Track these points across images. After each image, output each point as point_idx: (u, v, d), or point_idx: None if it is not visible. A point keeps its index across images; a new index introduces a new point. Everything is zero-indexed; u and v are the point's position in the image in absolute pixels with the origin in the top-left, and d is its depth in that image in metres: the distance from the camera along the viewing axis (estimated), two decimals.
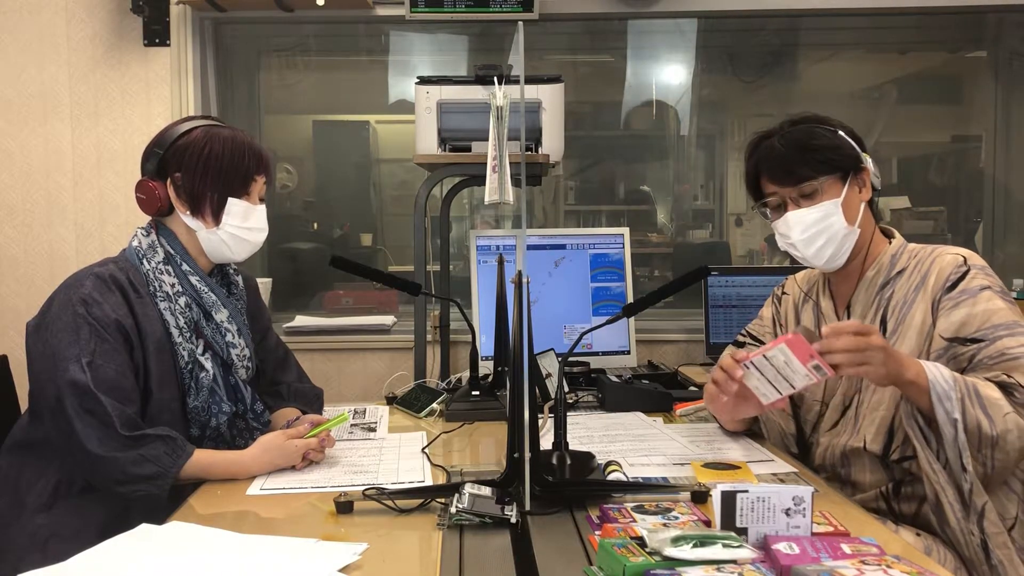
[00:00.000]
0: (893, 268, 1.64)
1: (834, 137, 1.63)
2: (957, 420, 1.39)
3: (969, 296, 1.52)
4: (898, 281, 1.63)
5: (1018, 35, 3.19)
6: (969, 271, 1.55)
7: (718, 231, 3.65)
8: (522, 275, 1.28)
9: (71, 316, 1.49)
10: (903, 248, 1.67)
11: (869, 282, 1.66)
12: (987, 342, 1.48)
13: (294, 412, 1.77)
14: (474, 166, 2.38)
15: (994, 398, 1.40)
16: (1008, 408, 1.40)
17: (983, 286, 1.53)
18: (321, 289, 3.26)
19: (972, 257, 1.58)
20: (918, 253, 1.64)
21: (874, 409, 1.59)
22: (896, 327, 1.59)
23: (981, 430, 1.39)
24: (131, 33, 2.81)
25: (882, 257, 1.66)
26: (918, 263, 1.62)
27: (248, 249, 1.67)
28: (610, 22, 3.22)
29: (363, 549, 1.14)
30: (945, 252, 1.61)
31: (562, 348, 2.29)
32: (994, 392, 1.41)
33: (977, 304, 1.51)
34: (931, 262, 1.60)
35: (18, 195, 2.84)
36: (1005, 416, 1.39)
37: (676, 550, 1.00)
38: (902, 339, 1.58)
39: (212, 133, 1.61)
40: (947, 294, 1.55)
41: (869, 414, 1.60)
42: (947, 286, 1.55)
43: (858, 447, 1.60)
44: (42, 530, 1.49)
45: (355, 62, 3.55)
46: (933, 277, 1.58)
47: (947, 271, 1.56)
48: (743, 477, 1.45)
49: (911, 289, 1.60)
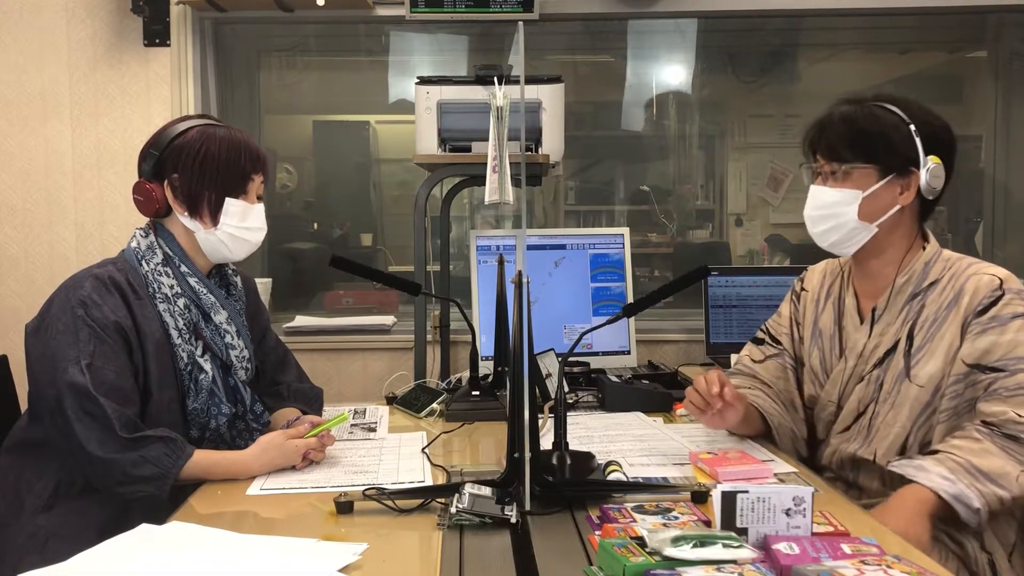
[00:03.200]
0: (925, 278, 1.58)
1: (896, 129, 1.54)
2: (979, 509, 1.38)
3: (999, 324, 1.48)
4: (930, 293, 1.57)
5: (1018, 35, 3.19)
6: (1004, 296, 1.50)
7: (718, 231, 3.65)
8: (522, 275, 1.28)
9: (70, 318, 1.49)
10: (937, 255, 1.60)
11: (899, 289, 1.60)
12: (1007, 372, 1.45)
13: (294, 412, 1.77)
14: (474, 166, 2.38)
15: (995, 468, 1.38)
16: (1016, 470, 1.38)
17: (1016, 314, 1.48)
18: (321, 289, 3.26)
19: (1009, 280, 1.52)
20: (953, 265, 1.58)
21: (889, 425, 1.57)
22: (924, 343, 1.55)
23: (1003, 503, 1.39)
24: (131, 33, 2.81)
25: (915, 264, 1.59)
26: (953, 277, 1.56)
27: (247, 249, 1.67)
28: (610, 22, 3.22)
29: (363, 549, 1.14)
30: (982, 271, 1.54)
31: (562, 348, 2.29)
32: (995, 461, 1.39)
33: (1005, 333, 1.47)
34: (966, 279, 1.54)
35: (18, 195, 2.84)
36: (1018, 479, 1.38)
37: (676, 550, 1.00)
38: (929, 356, 1.54)
39: (208, 133, 1.61)
40: (977, 318, 1.50)
41: (883, 428, 1.57)
42: (978, 309, 1.50)
43: (867, 459, 1.58)
44: (42, 530, 1.49)
45: (355, 62, 3.55)
46: (967, 297, 1.52)
47: (982, 293, 1.51)
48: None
49: (943, 306, 1.55)
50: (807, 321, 1.77)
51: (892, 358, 1.58)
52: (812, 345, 1.73)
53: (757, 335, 1.86)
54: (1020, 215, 3.26)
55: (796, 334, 1.78)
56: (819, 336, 1.72)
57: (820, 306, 1.75)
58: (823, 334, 1.71)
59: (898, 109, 1.56)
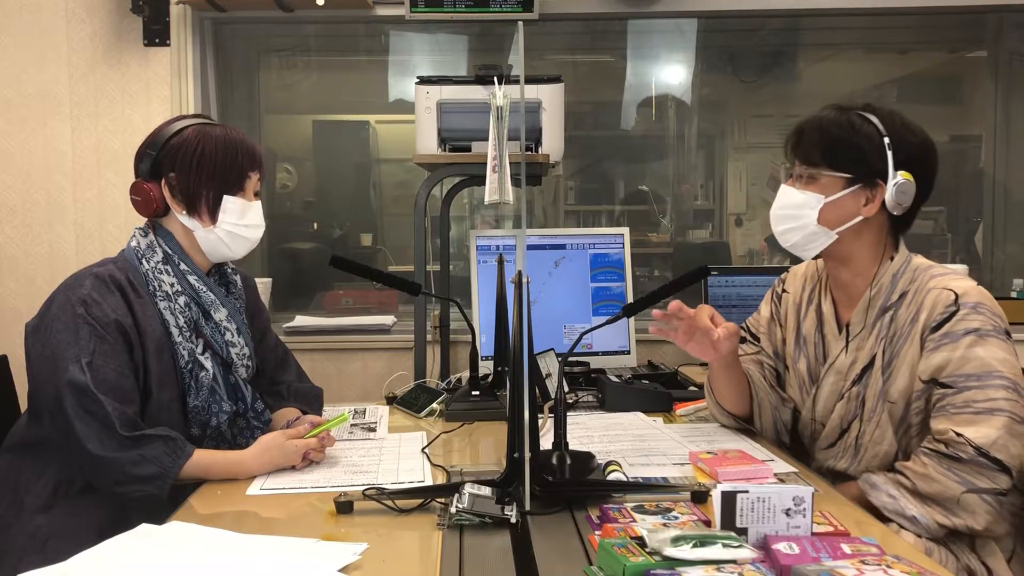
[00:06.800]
0: (894, 290, 1.58)
1: (869, 141, 1.54)
2: (915, 518, 1.42)
3: (951, 340, 1.48)
4: (899, 307, 1.57)
5: (1018, 35, 3.19)
6: (958, 311, 1.48)
7: (718, 231, 3.65)
8: (522, 275, 1.28)
9: (70, 316, 1.49)
10: (905, 266, 1.59)
11: (869, 303, 1.60)
12: (955, 390, 1.46)
13: (294, 412, 1.77)
14: (474, 166, 2.38)
15: (937, 491, 1.41)
16: (957, 490, 1.40)
17: (968, 330, 1.47)
18: (321, 289, 3.26)
19: (966, 294, 1.50)
20: (919, 277, 1.57)
21: (877, 443, 1.58)
22: (891, 360, 1.56)
23: (955, 523, 1.41)
24: (131, 33, 2.81)
25: (883, 277, 1.59)
26: (917, 291, 1.55)
27: (246, 246, 1.67)
28: (610, 22, 3.22)
29: (363, 549, 1.14)
30: (941, 284, 1.53)
31: (562, 348, 2.29)
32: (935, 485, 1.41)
33: (956, 349, 1.47)
34: (926, 293, 1.54)
35: (18, 195, 2.84)
36: (960, 501, 1.40)
37: (676, 550, 1.00)
38: (896, 374, 1.55)
39: (204, 132, 1.61)
40: (932, 334, 1.50)
41: (872, 447, 1.58)
42: (933, 326, 1.50)
43: (857, 477, 1.58)
44: (41, 530, 1.49)
45: (355, 62, 3.55)
46: (925, 313, 1.52)
47: (938, 308, 1.50)
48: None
49: (907, 321, 1.55)
50: (789, 325, 1.77)
51: (870, 374, 1.59)
52: (798, 352, 1.74)
53: None
54: (1020, 215, 3.26)
55: (779, 334, 1.80)
56: (804, 344, 1.73)
57: (802, 312, 1.75)
58: (807, 341, 1.72)
59: (877, 120, 1.56)
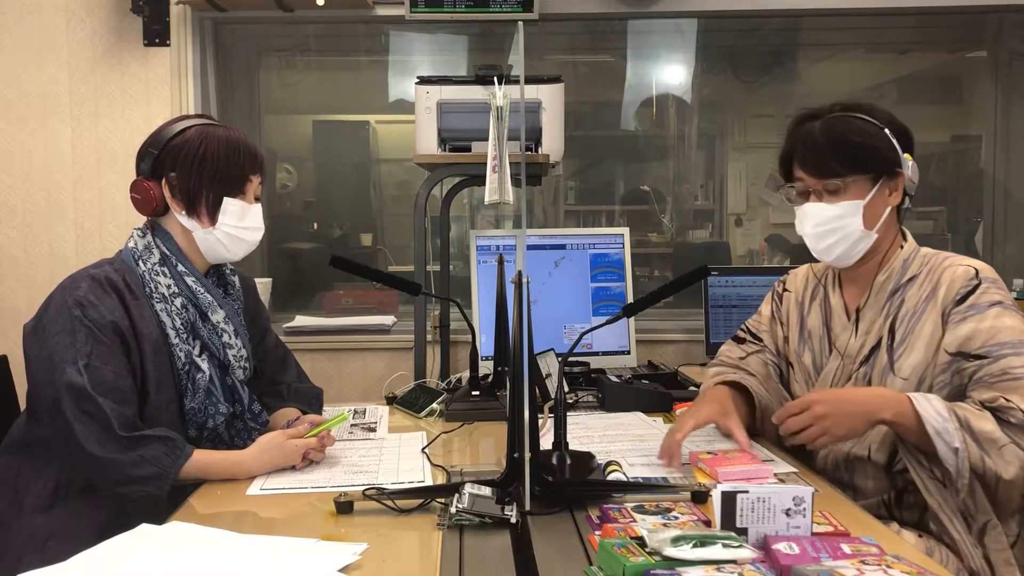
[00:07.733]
0: (904, 274, 1.62)
1: (876, 136, 1.57)
2: (959, 449, 1.39)
3: (977, 311, 1.50)
4: (909, 289, 1.60)
5: (1018, 35, 3.19)
6: (980, 284, 1.52)
7: (718, 231, 3.65)
8: (522, 275, 1.28)
9: (67, 318, 1.49)
10: (915, 253, 1.63)
11: (880, 287, 1.63)
12: (991, 359, 1.46)
13: (294, 412, 1.77)
14: (474, 166, 2.38)
15: (987, 431, 1.39)
16: (1004, 440, 1.39)
17: (993, 301, 1.50)
18: (321, 289, 3.26)
19: (984, 270, 1.55)
20: (930, 260, 1.61)
21: None
22: (904, 337, 1.57)
23: (985, 464, 1.39)
24: (131, 33, 2.81)
25: (893, 262, 1.63)
26: (930, 271, 1.59)
27: (245, 249, 1.67)
28: (610, 22, 3.22)
29: (363, 549, 1.14)
30: (957, 263, 1.57)
31: (562, 348, 2.29)
32: (987, 424, 1.40)
33: (984, 320, 1.49)
34: (942, 272, 1.57)
35: (18, 195, 2.84)
36: (1001, 449, 1.39)
37: (676, 550, 0.99)
38: (910, 350, 1.56)
39: (207, 132, 1.61)
40: (956, 307, 1.52)
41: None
42: (957, 299, 1.52)
43: (862, 455, 1.59)
44: (41, 530, 1.49)
45: (355, 62, 3.55)
46: (944, 288, 1.55)
47: (958, 283, 1.53)
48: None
49: (921, 299, 1.58)
50: (792, 322, 1.79)
51: (876, 355, 1.60)
52: (802, 346, 1.75)
53: (738, 334, 1.89)
54: (1020, 215, 3.26)
55: (780, 332, 1.80)
56: (808, 338, 1.74)
57: (805, 309, 1.77)
58: (812, 335, 1.73)
59: (868, 116, 1.59)
